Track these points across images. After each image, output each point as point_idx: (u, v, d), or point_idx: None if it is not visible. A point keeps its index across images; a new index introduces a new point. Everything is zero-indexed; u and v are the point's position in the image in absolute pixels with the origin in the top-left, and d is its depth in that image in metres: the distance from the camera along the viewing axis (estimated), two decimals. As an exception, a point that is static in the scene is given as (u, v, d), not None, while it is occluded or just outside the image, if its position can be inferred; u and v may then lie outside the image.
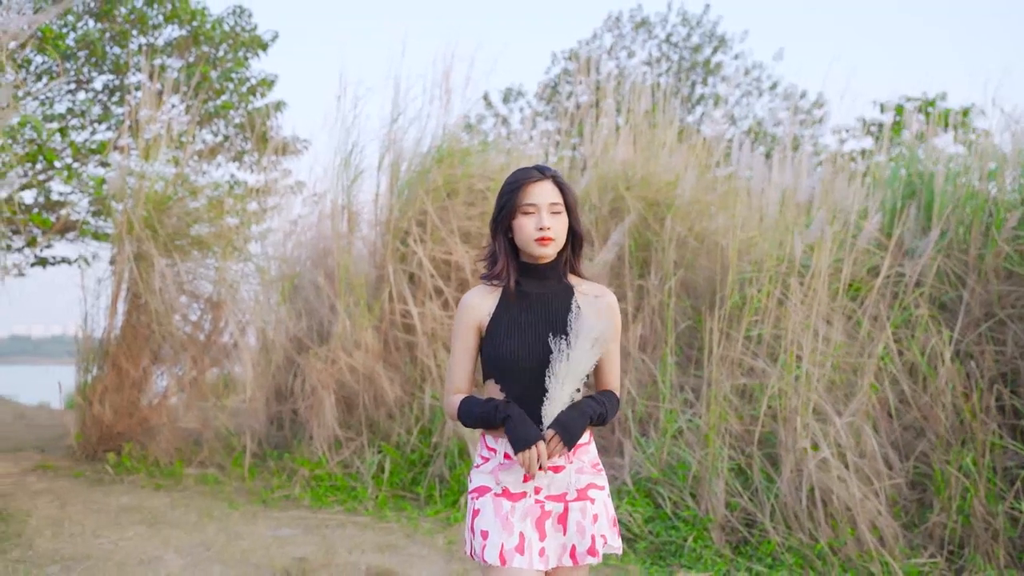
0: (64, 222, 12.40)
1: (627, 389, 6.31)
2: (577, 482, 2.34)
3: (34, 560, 4.47)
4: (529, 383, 2.28)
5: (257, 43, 12.26)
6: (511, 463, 2.31)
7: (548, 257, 2.34)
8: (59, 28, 10.59)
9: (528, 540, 2.28)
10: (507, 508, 2.29)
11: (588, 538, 2.31)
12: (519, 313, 2.33)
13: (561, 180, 2.36)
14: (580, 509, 2.32)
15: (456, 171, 7.45)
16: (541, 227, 2.29)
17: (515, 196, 2.32)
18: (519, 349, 2.30)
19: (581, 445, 2.35)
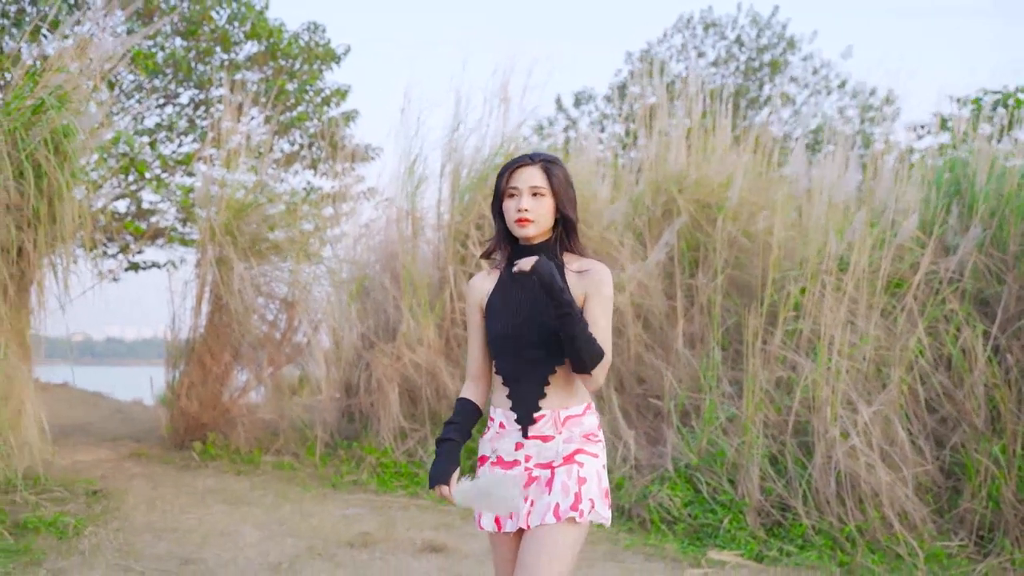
0: (154, 229, 13.21)
1: (670, 382, 6.63)
2: (564, 451, 2.42)
3: (130, 530, 5.04)
4: (515, 358, 2.43)
5: (331, 56, 12.87)
6: (504, 432, 2.47)
7: (530, 237, 2.43)
8: (148, 48, 11.31)
9: None
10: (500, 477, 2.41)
11: (572, 496, 2.36)
12: (509, 292, 2.47)
13: (549, 166, 2.44)
14: (566, 472, 2.39)
15: (513, 176, 7.85)
16: (520, 208, 2.39)
17: (501, 181, 2.46)
18: (504, 326, 2.44)
19: (573, 417, 2.44)
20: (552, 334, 2.38)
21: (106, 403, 12.12)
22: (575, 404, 2.45)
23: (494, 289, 2.52)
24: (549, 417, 2.42)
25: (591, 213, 7.84)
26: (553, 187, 2.42)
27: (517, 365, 2.43)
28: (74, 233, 6.57)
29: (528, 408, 2.42)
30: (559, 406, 2.43)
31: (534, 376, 2.42)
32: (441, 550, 4.88)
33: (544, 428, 2.42)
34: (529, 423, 2.42)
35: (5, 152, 5.66)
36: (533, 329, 2.41)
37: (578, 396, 2.46)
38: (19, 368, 5.69)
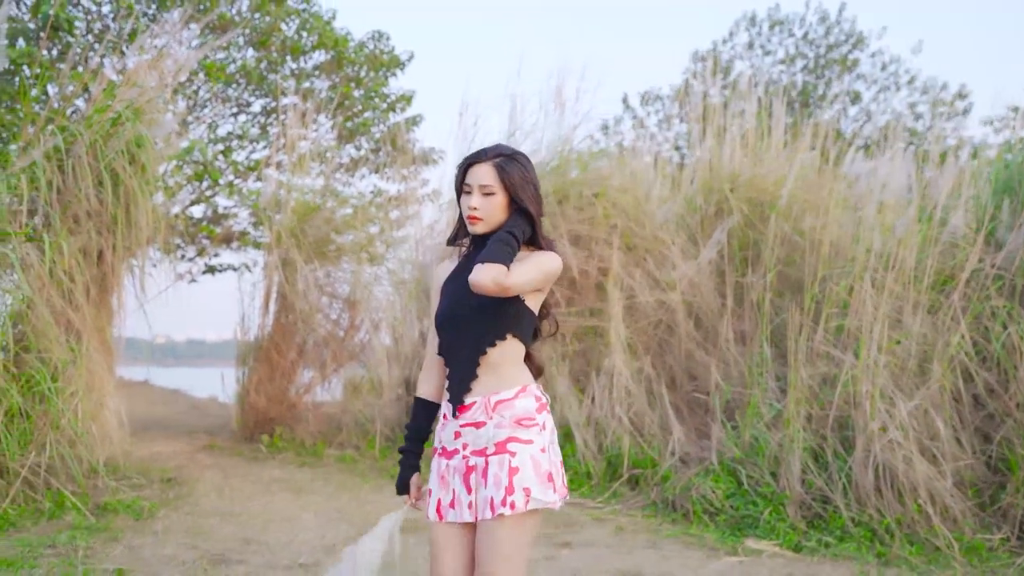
0: (228, 233, 13.74)
1: (715, 379, 6.77)
2: (495, 436, 2.39)
3: (199, 513, 5.40)
4: (454, 339, 2.45)
5: (395, 63, 13.24)
6: (447, 422, 2.47)
7: (480, 233, 2.44)
8: (221, 60, 11.79)
9: (458, 495, 2.40)
10: (443, 466, 2.44)
11: (503, 490, 2.33)
12: (457, 277, 2.50)
13: (503, 162, 2.43)
14: (498, 462, 2.36)
15: (567, 179, 8.07)
16: (470, 206, 2.41)
17: (458, 176, 2.49)
18: (444, 307, 2.49)
19: (503, 401, 2.41)
20: (486, 312, 2.39)
21: (184, 399, 12.71)
22: (506, 388, 2.41)
23: (450, 274, 2.55)
24: (480, 403, 2.40)
25: (644, 213, 8.00)
26: (505, 185, 2.41)
27: (454, 346, 2.44)
28: (150, 238, 6.99)
29: (459, 389, 2.42)
30: (490, 391, 2.41)
31: (468, 356, 2.41)
32: (487, 536, 5.12)
33: (476, 415, 2.40)
34: (458, 403, 2.42)
35: (86, 162, 6.07)
36: (467, 308, 2.41)
37: (510, 380, 2.42)
38: (100, 365, 6.09)
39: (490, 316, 2.39)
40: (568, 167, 8.22)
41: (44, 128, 6.18)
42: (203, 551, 4.56)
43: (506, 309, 2.40)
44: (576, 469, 6.62)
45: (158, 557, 4.44)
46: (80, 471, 5.44)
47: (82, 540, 4.61)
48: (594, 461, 6.65)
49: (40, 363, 5.38)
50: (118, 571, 4.15)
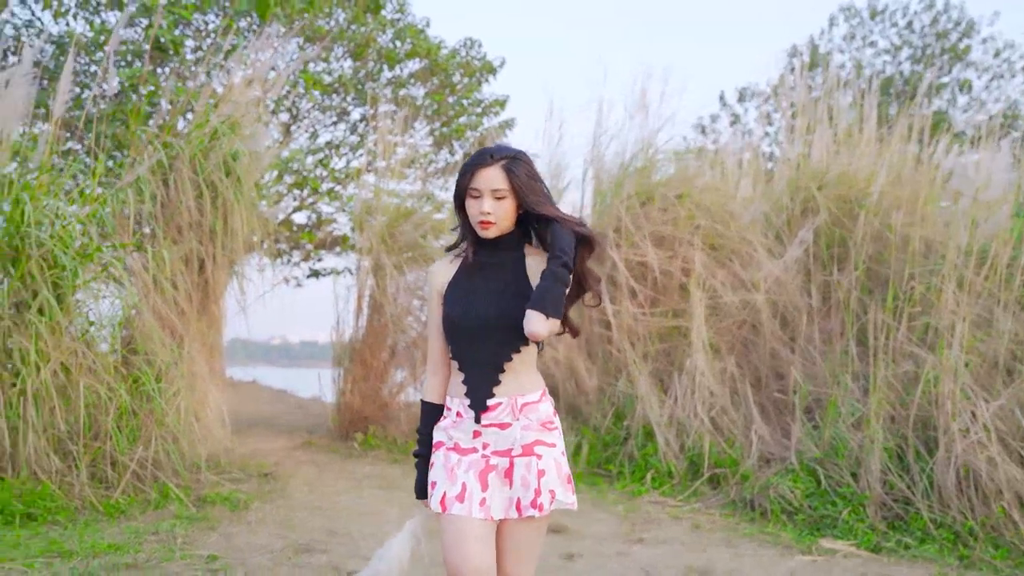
0: (330, 238, 14.24)
1: (794, 378, 6.74)
2: (523, 439, 2.40)
3: (291, 506, 5.70)
4: (472, 343, 2.42)
5: (487, 68, 13.48)
6: (461, 421, 2.45)
7: (491, 238, 2.43)
8: (318, 72, 12.24)
9: (469, 490, 2.38)
10: (454, 460, 2.43)
11: (532, 492, 2.37)
12: (469, 279, 2.47)
13: (511, 164, 2.40)
14: (525, 464, 2.39)
15: (650, 180, 8.13)
16: (482, 211, 2.37)
17: (463, 179, 2.43)
18: (462, 310, 2.42)
19: (529, 404, 2.43)
20: (510, 319, 2.37)
21: (290, 399, 13.25)
22: (531, 391, 2.44)
23: (455, 276, 2.51)
24: (506, 404, 2.41)
25: (729, 213, 7.99)
26: (514, 187, 2.39)
27: (473, 350, 2.42)
28: (250, 245, 7.38)
29: (482, 394, 2.41)
30: (515, 392, 2.42)
31: (490, 361, 2.41)
32: (562, 531, 5.25)
33: (501, 415, 2.41)
34: (482, 409, 2.41)
35: (186, 176, 6.47)
36: (492, 313, 2.40)
37: (534, 382, 2.46)
38: (202, 367, 6.47)
39: (514, 323, 2.36)
40: (652, 169, 8.28)
41: (150, 144, 6.61)
42: (291, 541, 4.84)
43: None
44: (657, 468, 6.69)
45: (249, 545, 4.73)
46: (183, 465, 5.81)
47: (181, 529, 4.95)
48: (675, 460, 6.71)
49: (146, 365, 5.77)
50: (211, 556, 4.46)
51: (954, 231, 6.84)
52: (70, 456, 5.37)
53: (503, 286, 2.43)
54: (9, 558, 4.30)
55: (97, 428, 5.49)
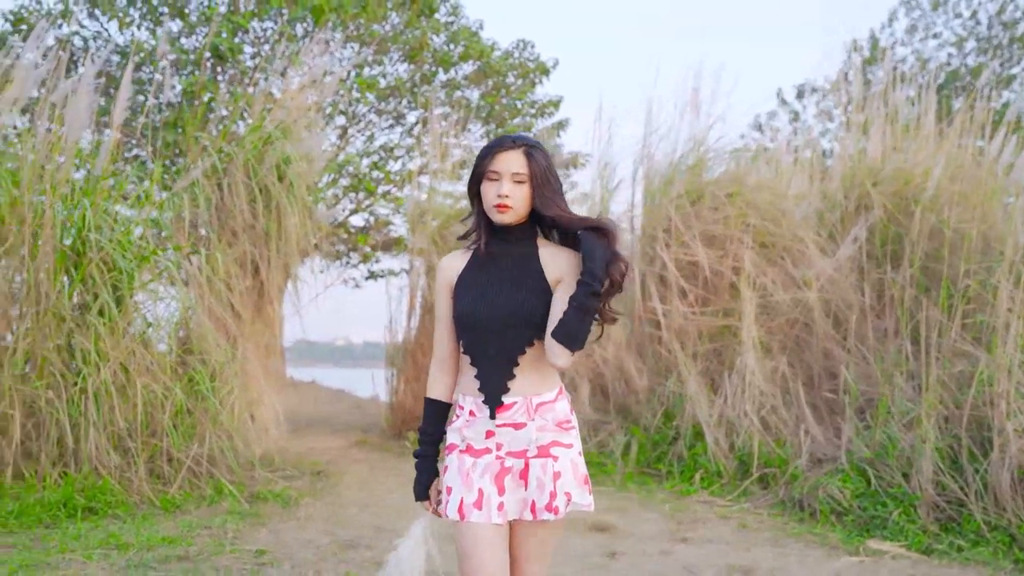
0: (387, 239, 14.42)
1: (844, 377, 6.65)
2: (539, 439, 2.32)
3: (340, 503, 5.82)
4: (484, 337, 2.33)
5: (541, 70, 13.53)
6: (474, 420, 2.35)
7: (507, 223, 2.34)
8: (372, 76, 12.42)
9: (487, 495, 2.30)
10: (468, 464, 2.34)
11: (547, 494, 2.29)
12: (481, 272, 2.38)
13: (532, 151, 2.34)
14: (541, 466, 2.31)
15: (701, 179, 8.09)
16: (500, 194, 2.30)
17: (483, 163, 2.35)
18: (475, 304, 2.34)
19: (545, 403, 2.34)
20: (524, 311, 2.30)
21: (348, 399, 13.47)
22: (547, 389, 2.35)
23: (465, 267, 2.43)
24: (521, 403, 2.32)
25: (780, 211, 7.92)
26: (532, 173, 2.32)
27: (486, 343, 2.33)
28: (303, 248, 7.53)
29: (496, 388, 2.33)
30: (531, 392, 2.33)
31: (504, 354, 2.32)
32: (607, 530, 5.27)
33: (516, 415, 2.33)
34: (496, 404, 2.32)
35: (240, 180, 6.63)
36: (505, 305, 2.32)
37: (550, 380, 2.36)
38: (255, 367, 6.63)
39: (528, 315, 2.29)
40: (703, 167, 8.24)
41: (204, 150, 6.80)
42: (338, 537, 4.94)
43: (544, 309, 2.30)
44: (706, 468, 6.67)
45: (297, 541, 4.84)
46: (237, 462, 5.97)
47: (233, 523, 5.09)
48: (725, 460, 6.67)
49: (201, 365, 5.94)
50: (259, 551, 4.58)
51: (1012, 227, 6.70)
52: (129, 453, 5.56)
53: (517, 277, 2.34)
54: (70, 549, 4.47)
55: (154, 426, 5.67)
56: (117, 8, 11.72)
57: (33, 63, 6.27)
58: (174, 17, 12.08)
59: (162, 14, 11.78)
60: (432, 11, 12.65)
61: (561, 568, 4.47)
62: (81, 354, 5.52)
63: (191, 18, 11.92)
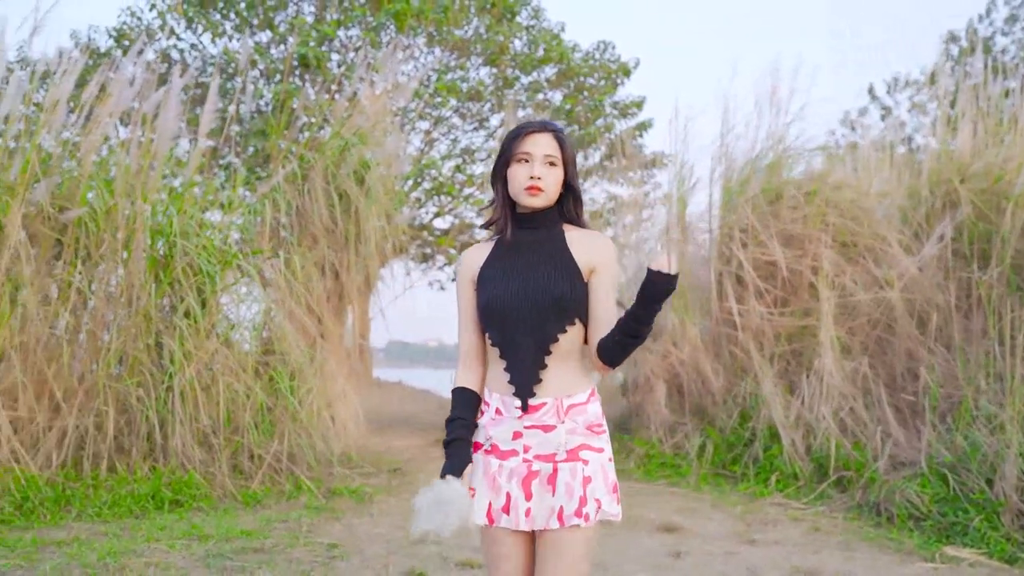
0: (469, 242, 14.61)
1: (924, 380, 6.49)
2: (568, 443, 2.20)
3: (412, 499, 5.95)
4: (511, 327, 2.22)
5: (623, 70, 13.51)
6: (501, 418, 2.25)
7: (536, 207, 2.26)
8: (452, 80, 12.59)
9: (514, 500, 2.20)
10: (495, 467, 2.23)
11: (576, 500, 2.17)
12: (506, 260, 2.28)
13: (562, 136, 2.28)
14: (570, 470, 2.19)
15: (780, 177, 7.99)
16: (532, 175, 2.22)
17: (512, 145, 2.26)
18: (500, 293, 2.24)
19: (576, 405, 2.22)
20: (554, 297, 2.20)
21: (432, 399, 13.71)
22: (579, 390, 2.24)
23: (487, 259, 2.32)
24: (551, 405, 2.21)
25: (862, 209, 7.77)
26: (565, 158, 2.27)
27: (515, 333, 2.21)
28: (382, 252, 7.72)
29: (528, 379, 2.21)
30: (562, 392, 2.22)
31: (535, 344, 2.20)
32: (674, 530, 5.27)
33: (545, 417, 2.21)
34: (528, 395, 2.20)
35: (319, 186, 6.85)
36: (532, 292, 2.21)
37: (583, 381, 2.25)
38: (334, 367, 6.83)
39: (558, 301, 2.20)
40: (781, 165, 8.13)
41: (285, 157, 7.04)
42: (408, 532, 5.07)
43: (575, 293, 2.22)
44: (782, 470, 6.59)
45: (369, 535, 5.00)
46: (315, 459, 6.17)
47: (308, 518, 5.28)
48: (801, 462, 6.59)
49: (281, 365, 6.16)
50: (331, 544, 4.74)
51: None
52: (213, 449, 5.81)
53: (544, 262, 2.24)
54: (155, 539, 4.71)
55: (237, 423, 5.91)
56: (211, 20, 12.18)
57: (129, 77, 6.59)
58: (264, 28, 12.49)
59: (252, 25, 12.20)
60: (513, 14, 12.76)
61: (624, 567, 4.51)
62: (169, 354, 5.79)
63: (280, 28, 12.31)
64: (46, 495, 5.25)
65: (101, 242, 5.95)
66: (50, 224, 5.92)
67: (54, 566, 4.16)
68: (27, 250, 5.64)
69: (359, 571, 4.31)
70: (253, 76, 12.00)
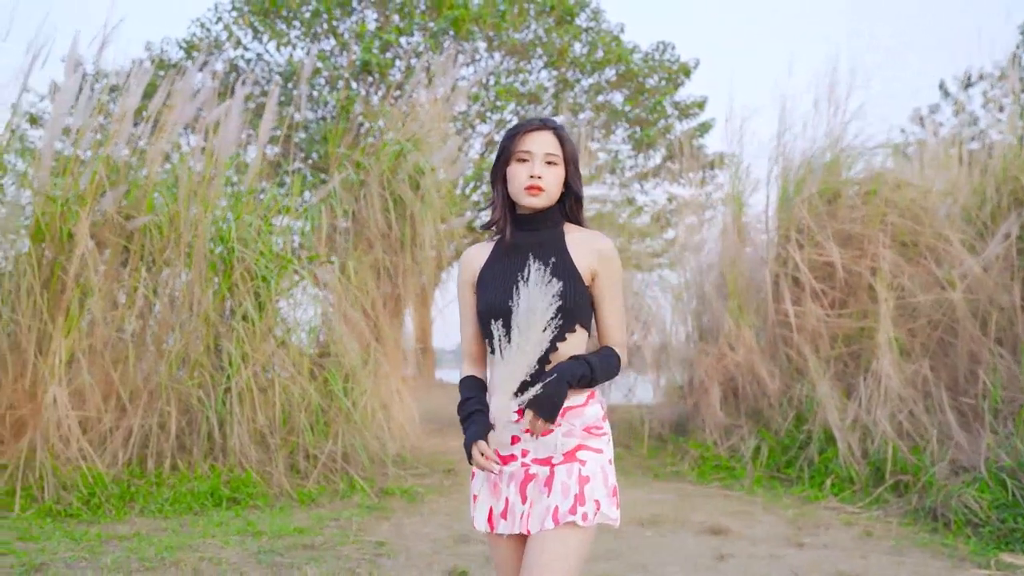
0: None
1: (983, 381, 6.34)
2: (564, 446, 2.17)
3: (463, 500, 6.05)
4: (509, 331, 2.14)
5: (683, 71, 13.44)
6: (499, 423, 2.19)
7: (537, 207, 2.22)
8: (515, 83, 12.68)
9: (512, 504, 2.19)
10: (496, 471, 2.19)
11: (571, 498, 2.12)
12: (505, 262, 2.23)
13: (562, 133, 2.24)
14: (567, 471, 2.15)
15: (839, 177, 7.89)
16: (532, 175, 2.18)
17: (512, 143, 2.22)
18: (499, 295, 2.19)
19: (573, 408, 2.19)
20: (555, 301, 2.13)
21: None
22: (575, 394, 2.19)
23: (488, 261, 2.29)
24: None
25: (923, 208, 7.62)
26: (566, 156, 2.23)
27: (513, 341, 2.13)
28: (440, 255, 7.83)
29: (524, 390, 2.12)
30: None
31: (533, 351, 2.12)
32: (721, 533, 5.26)
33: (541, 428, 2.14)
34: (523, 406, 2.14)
35: (375, 191, 6.99)
36: None
37: None
38: (388, 369, 6.96)
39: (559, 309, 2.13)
40: (839, 165, 8.02)
41: (340, 163, 7.21)
42: (454, 531, 5.16)
43: (576, 298, 2.19)
44: (837, 473, 6.51)
45: (417, 534, 5.10)
46: (369, 460, 6.31)
47: (360, 516, 5.41)
48: (857, 466, 6.49)
49: (336, 367, 6.31)
50: (379, 542, 4.85)
51: None
52: (269, 448, 5.98)
53: (544, 265, 2.15)
54: (211, 535, 4.88)
55: (292, 423, 6.07)
56: (276, 30, 12.48)
57: (192, 88, 6.81)
58: (328, 35, 12.75)
59: (316, 33, 12.46)
60: (572, 17, 12.79)
61: (665, 568, 4.53)
62: (227, 356, 5.98)
63: (344, 36, 12.55)
64: (112, 491, 5.48)
65: (165, 248, 6.18)
66: (118, 231, 6.17)
67: (114, 559, 4.35)
68: (95, 257, 5.88)
69: (403, 569, 4.42)
70: (318, 83, 12.27)
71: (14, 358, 5.76)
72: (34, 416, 5.58)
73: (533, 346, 2.09)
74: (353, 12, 12.77)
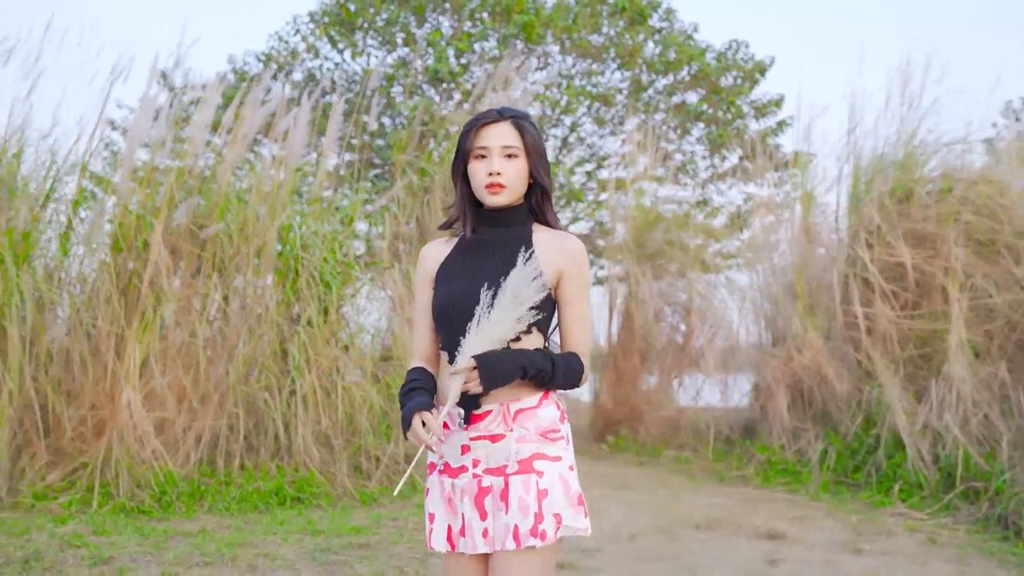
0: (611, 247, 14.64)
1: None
2: (519, 452, 2.04)
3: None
4: (459, 330, 2.04)
5: (758, 69, 13.25)
6: (449, 433, 2.09)
7: (500, 205, 2.10)
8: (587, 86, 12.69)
9: (468, 520, 2.07)
10: (449, 487, 2.11)
11: (531, 517, 1.99)
12: (465, 259, 2.13)
13: (522, 123, 2.12)
14: (523, 483, 2.02)
15: (912, 175, 7.69)
16: (491, 171, 2.06)
17: (467, 139, 2.11)
18: (454, 295, 2.08)
19: (525, 410, 2.06)
20: None
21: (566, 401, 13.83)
22: (528, 393, 2.07)
23: (448, 256, 2.19)
24: (497, 411, 2.06)
25: (1001, 206, 7.37)
26: (527, 147, 2.10)
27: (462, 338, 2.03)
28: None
29: (471, 395, 2.05)
30: (508, 397, 2.05)
31: None
32: (777, 537, 5.20)
33: (492, 425, 2.06)
34: (472, 405, 2.06)
35: (439, 197, 7.12)
36: (484, 299, 2.03)
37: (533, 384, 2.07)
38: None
39: None
40: (912, 163, 7.83)
41: (403, 170, 7.36)
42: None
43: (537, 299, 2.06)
44: (906, 478, 6.36)
45: (470, 535, 5.18)
46: (428, 462, 6.42)
47: (417, 516, 5.52)
48: (926, 472, 6.33)
49: (398, 371, 6.45)
50: (430, 542, 4.95)
51: None
52: (333, 449, 6.15)
53: (504, 265, 2.05)
54: (273, 532, 5.06)
55: (355, 426, 6.23)
56: (352, 40, 12.76)
57: (265, 98, 7.03)
58: (404, 44, 12.97)
59: (391, 42, 12.70)
60: (645, 18, 12.73)
61: (713, 571, 4.51)
62: (292, 360, 6.17)
63: (419, 44, 12.75)
64: (182, 490, 5.71)
65: (236, 255, 6.41)
66: (191, 240, 6.43)
67: (177, 554, 4.55)
68: (168, 265, 6.14)
69: (452, 568, 4.50)
70: (395, 92, 12.49)
71: (95, 361, 6.05)
72: (112, 417, 5.86)
73: (499, 328, 2.00)
74: (426, 20, 12.96)
